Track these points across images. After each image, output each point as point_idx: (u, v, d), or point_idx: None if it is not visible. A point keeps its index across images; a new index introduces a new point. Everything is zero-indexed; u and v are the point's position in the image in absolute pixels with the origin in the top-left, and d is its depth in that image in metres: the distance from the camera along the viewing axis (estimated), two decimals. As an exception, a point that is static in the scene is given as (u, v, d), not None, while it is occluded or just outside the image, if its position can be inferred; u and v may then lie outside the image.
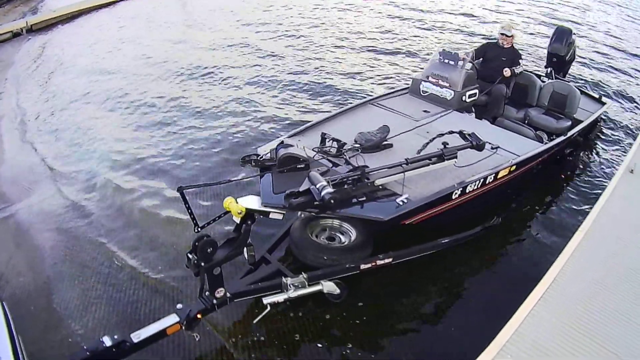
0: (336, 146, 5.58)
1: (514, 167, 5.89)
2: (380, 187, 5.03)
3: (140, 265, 5.75)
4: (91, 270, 5.75)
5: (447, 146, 5.24)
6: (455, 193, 5.28)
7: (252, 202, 4.33)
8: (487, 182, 5.58)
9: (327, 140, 5.70)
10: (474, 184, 5.42)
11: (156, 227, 6.41)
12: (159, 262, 5.79)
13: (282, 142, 5.70)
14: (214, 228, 5.03)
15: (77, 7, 17.63)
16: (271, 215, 4.40)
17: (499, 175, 5.72)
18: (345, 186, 4.74)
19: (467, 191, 5.41)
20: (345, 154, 5.52)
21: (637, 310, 4.42)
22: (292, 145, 5.52)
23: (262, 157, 5.49)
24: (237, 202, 4.22)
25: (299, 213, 5.54)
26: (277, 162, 5.31)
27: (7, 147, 9.01)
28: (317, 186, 4.52)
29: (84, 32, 15.92)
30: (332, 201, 4.41)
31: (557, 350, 4.00)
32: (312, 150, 5.57)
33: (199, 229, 4.22)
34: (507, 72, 7.57)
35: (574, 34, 8.75)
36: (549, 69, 8.68)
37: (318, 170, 5.06)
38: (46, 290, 5.49)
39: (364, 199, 4.88)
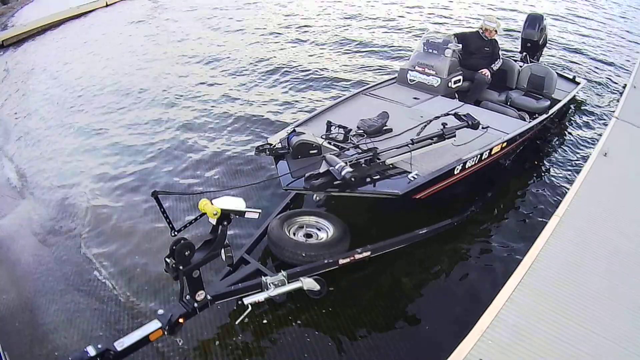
0: (343, 132, 5.93)
1: (505, 143, 6.29)
2: (391, 165, 5.41)
3: (122, 275, 5.72)
4: (74, 283, 5.68)
5: (446, 126, 5.64)
6: (457, 168, 5.63)
7: (227, 202, 4.22)
8: (483, 157, 5.96)
9: (332, 127, 6.04)
10: (472, 159, 5.79)
11: (138, 236, 6.36)
12: (141, 270, 5.76)
13: (294, 130, 5.95)
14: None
15: (48, 20, 17.49)
16: (247, 215, 4.26)
17: (493, 152, 6.10)
18: (361, 166, 5.13)
19: (467, 166, 5.77)
20: (352, 139, 5.90)
21: (615, 290, 4.58)
22: (303, 133, 5.76)
23: (274, 146, 5.79)
24: (212, 204, 4.13)
25: (276, 212, 5.86)
26: (290, 149, 5.60)
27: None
28: (336, 167, 4.89)
29: (57, 45, 15.75)
30: (352, 179, 4.77)
31: (538, 333, 4.09)
32: (321, 137, 5.89)
33: (176, 233, 4.11)
34: (488, 77, 8.06)
35: (545, 19, 9.27)
36: (523, 54, 9.16)
37: (332, 153, 5.40)
38: (30, 305, 5.41)
39: (378, 177, 5.24)
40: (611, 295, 4.54)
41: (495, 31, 8.21)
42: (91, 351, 3.91)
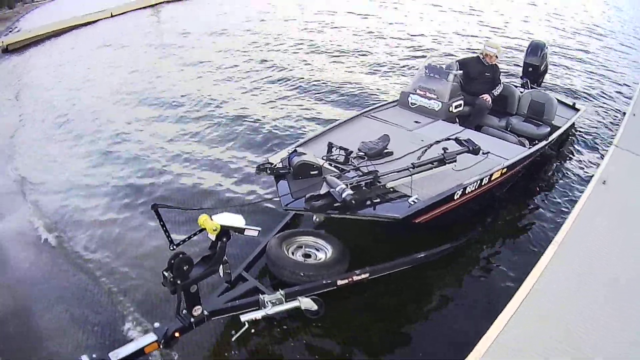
0: (344, 154, 5.97)
1: (505, 169, 6.31)
2: (392, 189, 5.42)
3: (119, 285, 5.75)
4: (70, 291, 5.72)
5: (447, 151, 5.66)
6: (457, 193, 5.64)
7: (227, 219, 4.24)
8: (482, 183, 5.97)
9: (333, 149, 6.07)
10: (472, 185, 5.81)
11: (135, 247, 6.43)
12: (138, 281, 5.80)
13: (295, 150, 5.97)
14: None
15: (53, 27, 17.80)
16: (246, 233, 4.28)
17: (493, 177, 6.12)
18: (362, 189, 5.14)
19: (467, 192, 5.79)
20: (352, 161, 5.93)
21: (612, 317, 4.58)
22: (304, 154, 5.79)
23: (275, 165, 5.81)
24: (212, 219, 4.14)
25: (275, 231, 5.90)
26: (291, 169, 5.62)
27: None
28: (337, 189, 4.90)
29: (59, 53, 15.99)
30: (353, 202, 4.78)
31: (536, 359, 4.10)
32: (322, 158, 5.91)
33: (174, 247, 4.15)
34: (489, 102, 8.11)
35: (547, 47, 9.35)
36: (524, 80, 9.23)
37: (332, 175, 5.42)
38: (26, 311, 5.42)
39: (378, 200, 5.26)
40: (610, 323, 4.53)
41: (496, 56, 8.28)
42: None
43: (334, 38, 15.96)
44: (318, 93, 11.31)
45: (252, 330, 4.77)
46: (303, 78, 12.27)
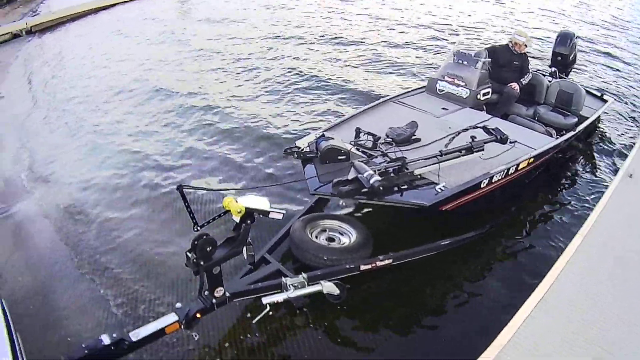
0: (371, 139, 5.94)
1: (532, 159, 6.25)
2: (419, 176, 5.41)
3: (140, 266, 5.79)
4: (90, 271, 5.77)
5: (474, 139, 5.63)
6: (484, 182, 5.62)
7: (252, 201, 4.24)
8: (509, 172, 5.93)
9: (361, 134, 6.04)
10: (499, 174, 5.76)
11: (158, 229, 6.45)
12: (159, 262, 5.82)
13: (323, 134, 5.95)
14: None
15: (76, 9, 17.82)
16: (271, 215, 4.27)
17: (520, 167, 6.06)
18: (390, 175, 5.13)
19: (494, 181, 5.75)
20: (380, 146, 5.90)
21: (635, 313, 4.50)
22: (332, 138, 5.77)
23: (302, 149, 5.81)
24: (236, 202, 4.13)
25: (299, 214, 5.89)
26: (319, 153, 5.61)
27: (4, 149, 9.07)
28: (365, 175, 4.91)
29: (83, 35, 16.00)
30: (380, 188, 4.80)
31: (555, 353, 4.05)
32: (349, 143, 5.89)
33: (198, 228, 4.13)
34: (517, 90, 8.03)
35: (576, 37, 9.20)
36: (553, 69, 9.10)
37: (360, 160, 5.40)
38: (45, 289, 5.49)
39: (406, 187, 5.25)
40: (630, 319, 4.47)
41: (525, 45, 8.19)
42: (105, 340, 3.93)
43: (359, 27, 15.77)
44: (338, 85, 11.16)
45: (272, 313, 4.76)
46: (325, 71, 12.12)
